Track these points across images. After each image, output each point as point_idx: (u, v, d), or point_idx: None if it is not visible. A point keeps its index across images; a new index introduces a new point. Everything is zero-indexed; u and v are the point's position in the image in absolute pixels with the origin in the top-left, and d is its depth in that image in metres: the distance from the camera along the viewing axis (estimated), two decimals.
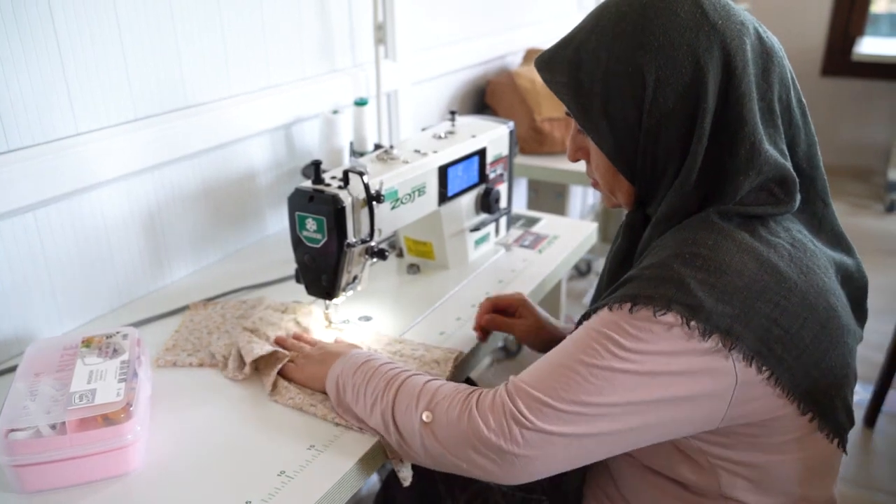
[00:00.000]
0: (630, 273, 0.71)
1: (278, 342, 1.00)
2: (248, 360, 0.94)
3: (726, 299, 0.66)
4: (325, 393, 0.89)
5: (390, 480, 1.16)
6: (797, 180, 0.73)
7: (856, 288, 0.78)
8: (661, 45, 0.70)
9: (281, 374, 0.93)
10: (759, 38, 0.73)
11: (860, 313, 0.79)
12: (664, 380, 0.66)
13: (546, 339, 1.03)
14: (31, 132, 0.99)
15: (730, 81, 0.70)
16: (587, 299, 2.51)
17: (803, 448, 0.73)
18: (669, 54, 0.69)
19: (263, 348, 0.95)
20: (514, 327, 1.04)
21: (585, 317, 0.74)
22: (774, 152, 0.72)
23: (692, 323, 0.65)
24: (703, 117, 0.70)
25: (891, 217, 3.47)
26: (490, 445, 0.69)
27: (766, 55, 0.72)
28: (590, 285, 2.73)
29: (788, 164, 0.73)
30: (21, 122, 0.98)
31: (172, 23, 1.15)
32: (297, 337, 1.01)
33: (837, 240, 0.79)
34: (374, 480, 1.66)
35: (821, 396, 0.71)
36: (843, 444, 0.74)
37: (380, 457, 0.85)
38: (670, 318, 0.66)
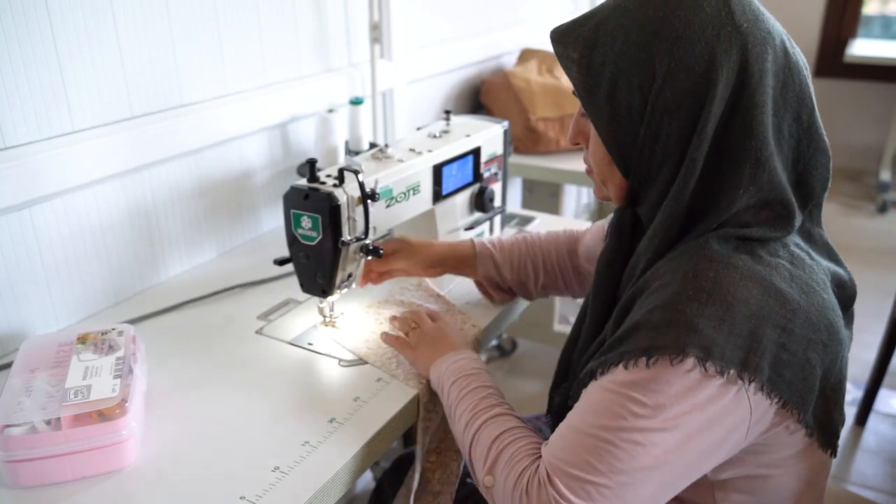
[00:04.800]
0: (636, 319, 0.68)
1: (396, 318, 1.05)
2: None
3: (737, 331, 0.65)
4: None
5: (384, 479, 1.17)
6: (795, 205, 0.71)
7: (847, 297, 0.77)
8: (679, 37, 0.67)
9: (388, 342, 1.01)
10: (785, 51, 0.70)
11: (848, 317, 0.78)
12: (693, 426, 0.65)
13: (432, 255, 1.11)
14: (27, 129, 0.99)
15: (743, 89, 0.67)
16: (580, 300, 2.51)
17: (800, 461, 0.73)
18: (686, 48, 0.67)
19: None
20: (407, 271, 1.11)
21: (591, 374, 0.72)
22: (780, 172, 0.70)
23: (708, 364, 0.64)
24: (706, 120, 0.67)
25: (882, 217, 3.49)
26: None
27: (787, 70, 0.69)
28: None
29: (789, 188, 0.71)
30: (17, 119, 0.98)
31: (169, 21, 1.15)
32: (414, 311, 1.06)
33: (828, 250, 0.78)
34: (369, 479, 1.67)
35: (821, 413, 0.70)
36: (835, 452, 0.74)
37: (374, 454, 0.86)
38: (688, 363, 0.64)
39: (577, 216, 2.89)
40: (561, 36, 0.76)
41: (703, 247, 0.69)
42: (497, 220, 1.36)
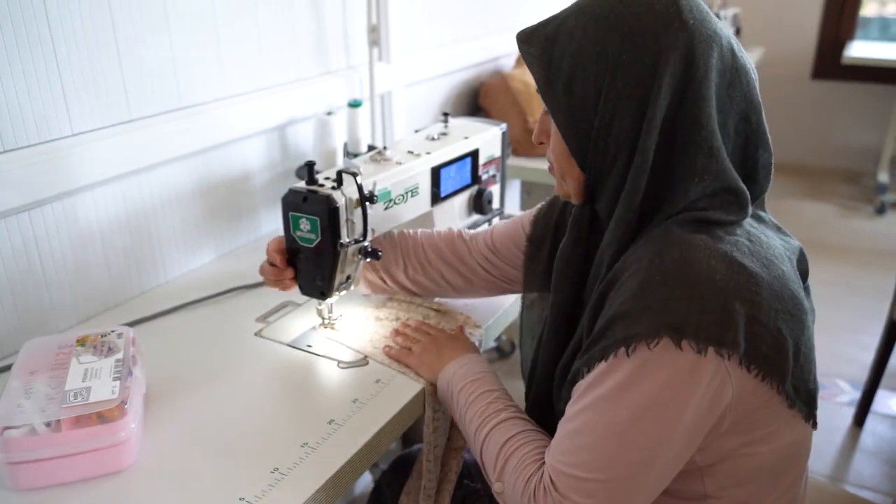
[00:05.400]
0: (611, 313, 0.71)
1: (399, 332, 1.05)
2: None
3: (708, 308, 0.66)
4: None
5: (383, 480, 1.17)
6: (748, 193, 0.74)
7: (804, 270, 0.80)
8: (630, 31, 0.72)
9: (391, 356, 1.00)
10: (733, 53, 0.74)
11: (805, 289, 0.80)
12: (679, 408, 0.67)
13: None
14: (26, 133, 1.00)
15: (690, 81, 0.71)
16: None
17: (784, 436, 0.74)
18: (635, 41, 0.71)
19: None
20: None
21: (577, 374, 0.74)
22: (730, 163, 0.73)
23: (682, 343, 0.66)
24: (654, 110, 0.71)
25: (880, 219, 3.49)
26: None
27: (735, 71, 0.73)
28: None
29: (739, 178, 0.74)
30: (16, 122, 0.98)
31: (167, 24, 1.16)
32: (417, 325, 1.06)
33: (776, 228, 0.81)
34: (368, 480, 1.67)
35: (799, 383, 0.73)
36: (815, 422, 0.76)
37: (373, 456, 0.86)
38: (663, 344, 0.66)
39: None
40: (526, 36, 0.80)
41: (664, 232, 0.72)
42: (495, 221, 1.36)
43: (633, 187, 0.73)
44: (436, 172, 1.15)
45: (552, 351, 0.84)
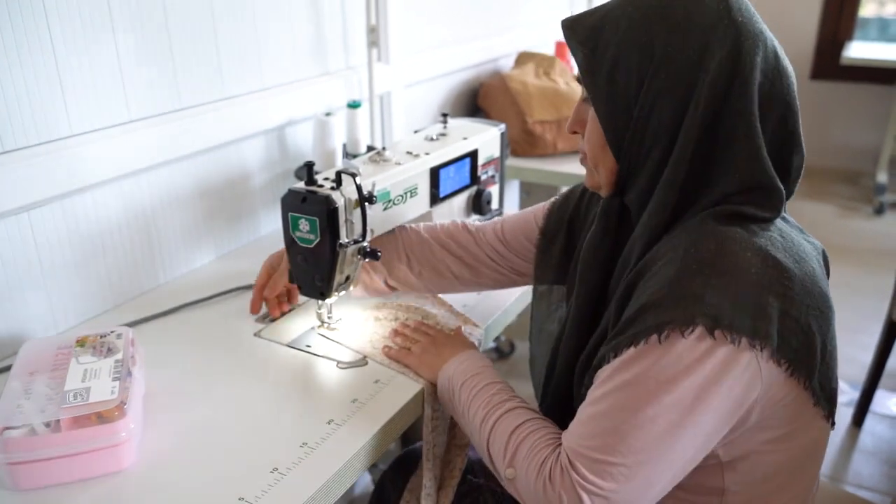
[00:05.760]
0: (643, 301, 0.70)
1: (398, 332, 1.05)
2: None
3: (742, 300, 0.67)
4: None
5: (384, 481, 1.17)
6: (783, 192, 0.75)
7: (827, 269, 0.81)
8: (678, 24, 0.72)
9: (391, 357, 1.00)
10: (776, 55, 0.74)
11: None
12: (707, 397, 0.67)
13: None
14: (25, 133, 1.00)
15: (735, 77, 0.71)
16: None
17: (805, 433, 0.75)
18: (683, 34, 0.72)
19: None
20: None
21: (603, 359, 0.73)
22: (769, 162, 0.73)
23: (717, 332, 0.66)
24: (698, 104, 0.71)
25: (879, 219, 3.50)
26: None
27: (777, 73, 0.73)
28: None
29: (776, 176, 0.74)
30: (16, 122, 0.98)
31: (166, 25, 1.16)
32: (416, 326, 1.06)
33: (800, 229, 0.82)
34: (368, 481, 1.67)
35: (824, 381, 0.73)
36: (833, 422, 0.76)
37: (372, 456, 0.86)
38: (698, 332, 0.66)
39: None
40: (571, 23, 0.80)
41: (700, 223, 0.72)
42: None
43: (671, 179, 0.73)
44: (435, 173, 1.15)
45: (574, 344, 0.84)
